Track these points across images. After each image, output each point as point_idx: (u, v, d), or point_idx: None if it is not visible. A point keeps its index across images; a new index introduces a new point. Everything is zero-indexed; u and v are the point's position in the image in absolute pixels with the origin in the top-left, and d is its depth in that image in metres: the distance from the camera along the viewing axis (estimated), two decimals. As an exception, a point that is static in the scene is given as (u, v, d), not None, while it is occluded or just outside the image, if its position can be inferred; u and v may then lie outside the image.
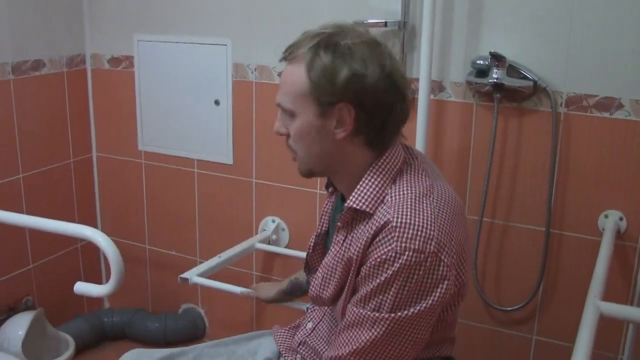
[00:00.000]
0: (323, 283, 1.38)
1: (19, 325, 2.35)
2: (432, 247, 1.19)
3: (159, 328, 2.74)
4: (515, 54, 1.97)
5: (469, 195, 2.14)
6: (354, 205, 1.29)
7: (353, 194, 1.30)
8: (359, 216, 1.31)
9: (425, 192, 1.27)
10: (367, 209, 1.28)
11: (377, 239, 1.22)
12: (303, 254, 2.37)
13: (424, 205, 1.24)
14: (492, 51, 1.95)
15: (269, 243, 2.49)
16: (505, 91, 1.99)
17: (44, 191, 2.61)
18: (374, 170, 1.30)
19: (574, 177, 2.02)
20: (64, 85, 2.64)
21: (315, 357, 1.52)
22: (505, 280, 2.18)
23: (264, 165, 2.47)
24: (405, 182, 1.29)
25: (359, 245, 1.26)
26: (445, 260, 1.20)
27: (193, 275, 2.16)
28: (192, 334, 2.78)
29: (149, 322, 2.76)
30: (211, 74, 2.45)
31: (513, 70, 1.98)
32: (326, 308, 1.55)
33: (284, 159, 2.36)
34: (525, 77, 1.98)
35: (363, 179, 1.30)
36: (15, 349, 2.29)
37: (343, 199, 1.42)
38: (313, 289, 1.41)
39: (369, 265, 1.23)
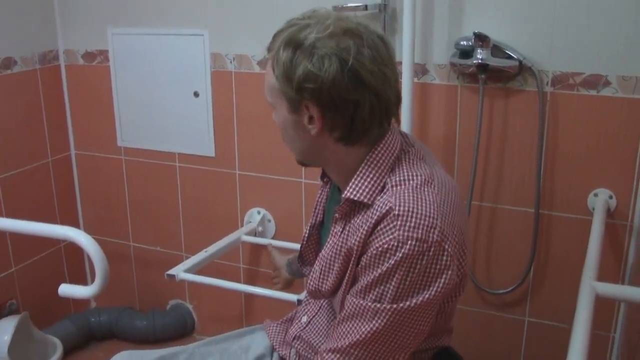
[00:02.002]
0: (321, 276, 1.34)
1: (4, 330, 2.29)
2: (435, 236, 1.16)
3: (148, 326, 2.69)
4: (499, 33, 1.94)
5: (457, 179, 2.11)
6: (351, 196, 1.25)
7: (350, 185, 1.26)
8: (357, 207, 1.27)
9: (426, 180, 1.24)
10: (365, 200, 1.24)
11: (379, 228, 1.18)
12: (290, 245, 2.39)
13: (426, 193, 1.21)
14: (476, 31, 1.91)
15: (255, 235, 2.45)
16: (490, 72, 1.96)
17: (23, 192, 2.56)
18: (370, 161, 1.26)
19: (562, 156, 1.99)
20: (38, 82, 2.57)
21: (310, 351, 1.49)
22: (496, 263, 2.16)
23: (247, 157, 2.43)
24: (404, 170, 1.26)
25: (359, 234, 1.22)
26: (449, 250, 1.17)
27: (180, 271, 2.12)
28: (181, 330, 2.75)
29: (137, 321, 2.72)
30: (189, 65, 2.40)
31: (497, 50, 1.95)
32: (322, 301, 1.51)
33: (267, 149, 2.36)
34: (510, 57, 1.94)
35: (359, 171, 1.26)
36: (1, 354, 2.24)
37: (339, 190, 1.39)
38: (311, 282, 1.37)
39: (370, 254, 1.19)
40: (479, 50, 1.94)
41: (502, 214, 2.10)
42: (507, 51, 1.94)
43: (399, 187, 1.22)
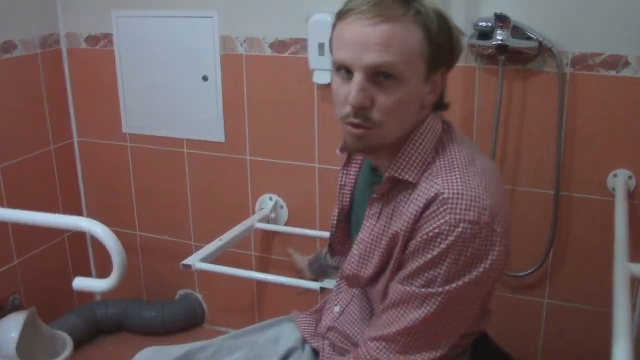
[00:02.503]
0: (361, 261, 1.31)
1: (12, 327, 2.22)
2: (486, 217, 1.14)
3: (157, 317, 2.64)
4: (519, 14, 1.92)
5: (475, 162, 2.09)
6: (396, 175, 1.22)
7: (394, 162, 1.23)
8: (399, 186, 1.25)
9: (469, 160, 1.22)
10: (411, 179, 1.22)
11: (428, 212, 1.16)
12: (305, 231, 2.37)
13: (472, 174, 1.19)
14: (497, 12, 1.89)
15: (267, 222, 2.41)
16: (509, 53, 1.94)
17: (25, 182, 2.49)
18: (416, 139, 1.23)
19: (581, 137, 1.98)
20: (39, 67, 2.49)
21: (345, 341, 1.46)
22: (515, 245, 2.10)
23: (257, 142, 2.39)
24: (448, 151, 1.24)
25: (405, 219, 1.19)
26: (498, 230, 1.16)
27: (195, 261, 2.07)
28: (191, 321, 2.71)
29: (146, 312, 2.66)
30: (197, 48, 2.35)
31: (517, 31, 1.92)
32: (354, 290, 1.47)
33: (279, 134, 2.32)
34: (529, 38, 1.92)
35: (405, 147, 1.23)
36: (10, 351, 2.17)
37: (373, 170, 1.36)
38: (349, 267, 1.34)
39: (419, 239, 1.17)
40: (498, 31, 1.92)
41: (521, 196, 2.09)
42: (526, 32, 1.92)
43: (444, 169, 1.20)
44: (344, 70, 1.18)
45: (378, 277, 1.30)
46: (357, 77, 1.15)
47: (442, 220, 1.14)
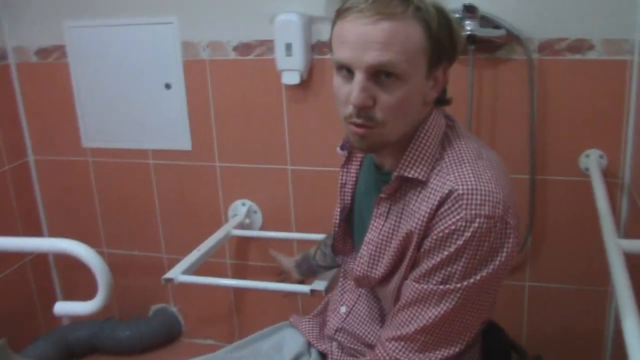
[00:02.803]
0: (371, 261, 1.31)
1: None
2: (500, 211, 1.15)
3: (133, 335, 2.55)
4: (486, 4, 1.95)
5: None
6: (405, 174, 1.22)
7: (403, 161, 1.23)
8: (407, 184, 1.24)
9: (477, 154, 1.23)
10: (420, 177, 1.21)
11: (442, 210, 1.16)
12: (281, 234, 2.34)
13: (482, 168, 1.19)
14: (466, 2, 1.92)
15: (242, 228, 2.37)
16: (478, 42, 1.96)
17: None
18: (422, 136, 1.23)
19: (552, 121, 2.03)
20: (-15, 84, 2.38)
21: (355, 341, 1.46)
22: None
23: (226, 147, 2.35)
24: (456, 146, 1.24)
25: (419, 217, 1.19)
26: (511, 222, 1.17)
27: (177, 274, 2.01)
28: (168, 336, 2.64)
29: (120, 331, 2.56)
30: (158, 56, 2.29)
31: (485, 21, 1.96)
32: (360, 290, 1.47)
33: (248, 138, 2.29)
34: (497, 27, 1.96)
35: (412, 145, 1.23)
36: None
37: (377, 167, 1.35)
38: (359, 269, 1.33)
39: (435, 237, 1.17)
40: (467, 22, 1.94)
41: (497, 182, 2.12)
42: (494, 21, 1.95)
43: (454, 164, 1.21)
44: (345, 69, 1.17)
45: (389, 277, 1.30)
46: (359, 76, 1.14)
47: (458, 217, 1.14)
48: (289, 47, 2.10)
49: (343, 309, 1.50)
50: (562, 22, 1.94)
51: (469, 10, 1.92)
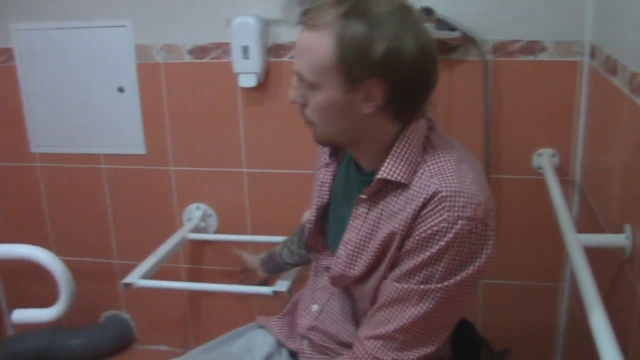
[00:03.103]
0: (349, 261, 1.31)
1: None
2: (481, 214, 1.17)
3: (85, 343, 2.50)
4: (443, 7, 1.98)
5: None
6: (387, 177, 1.23)
7: (385, 165, 1.23)
8: (388, 187, 1.25)
9: (460, 157, 1.25)
10: (403, 180, 1.22)
11: (425, 211, 1.18)
12: (237, 237, 2.33)
13: (465, 171, 1.21)
14: (423, 5, 1.94)
15: (198, 232, 2.34)
16: (434, 45, 2.00)
17: None
18: (405, 139, 1.24)
19: (506, 121, 2.08)
20: None
21: (327, 339, 1.46)
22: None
23: (181, 151, 2.32)
24: (437, 149, 1.26)
25: (401, 218, 1.21)
26: (491, 224, 1.20)
27: (136, 278, 1.98)
28: (121, 343, 2.60)
29: (71, 340, 2.50)
30: (111, 59, 2.25)
31: (441, 23, 1.99)
32: (333, 288, 1.46)
33: (203, 142, 2.28)
34: (453, 29, 2.00)
35: (394, 149, 1.24)
36: None
37: (357, 168, 1.36)
38: (336, 268, 1.34)
39: (417, 238, 1.18)
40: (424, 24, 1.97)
41: (453, 182, 2.15)
42: (450, 24, 1.99)
43: (437, 167, 1.22)
44: None
45: (367, 277, 1.31)
46: (294, 77, 1.24)
47: (441, 218, 1.16)
48: (245, 49, 2.09)
49: (315, 307, 1.50)
50: (516, 25, 1.99)
51: (426, 12, 1.95)
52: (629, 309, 1.43)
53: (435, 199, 1.17)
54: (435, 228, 1.16)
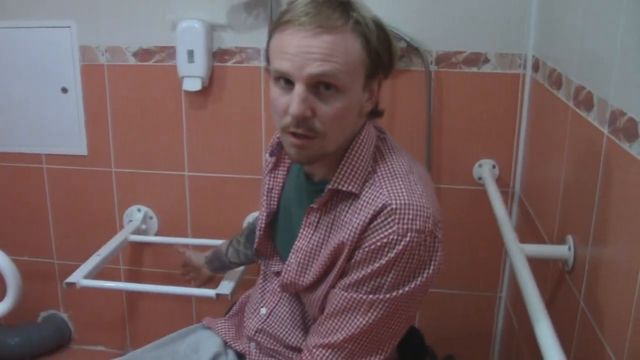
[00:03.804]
0: (299, 269, 1.32)
1: None
2: (430, 226, 1.18)
3: (22, 342, 2.47)
4: (387, 17, 1.96)
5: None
6: (340, 187, 1.23)
7: (337, 175, 1.24)
8: (338, 196, 1.26)
9: (408, 168, 1.26)
10: (354, 190, 1.23)
11: (375, 223, 1.18)
12: (177, 240, 2.32)
13: (413, 183, 1.22)
14: (368, 15, 1.95)
15: (138, 233, 2.33)
16: (378, 54, 2.01)
17: None
18: (356, 149, 1.25)
19: (448, 131, 2.10)
20: None
21: (275, 342, 1.47)
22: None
23: (123, 153, 2.30)
24: (388, 159, 1.27)
25: (351, 229, 1.21)
26: (439, 236, 1.20)
27: (79, 278, 1.96)
28: (58, 342, 2.57)
29: (9, 338, 2.47)
30: (54, 60, 2.22)
31: (385, 32, 2.00)
32: (282, 293, 1.47)
33: (145, 144, 2.27)
34: (397, 39, 2.01)
35: (345, 159, 1.25)
36: None
37: (306, 176, 1.36)
38: (287, 276, 1.34)
39: (366, 249, 1.19)
40: (368, 34, 1.98)
41: (395, 190, 2.16)
42: (395, 33, 2.00)
43: (386, 179, 1.23)
44: (282, 80, 1.17)
45: (316, 285, 1.31)
46: (299, 88, 1.15)
47: (390, 230, 1.17)
48: (190, 53, 2.08)
49: (263, 310, 1.50)
50: (459, 36, 2.01)
51: (370, 22, 1.96)
52: (571, 319, 1.46)
53: (385, 211, 1.17)
54: (385, 240, 1.17)
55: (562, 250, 1.52)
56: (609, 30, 1.28)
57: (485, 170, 2.09)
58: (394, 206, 1.17)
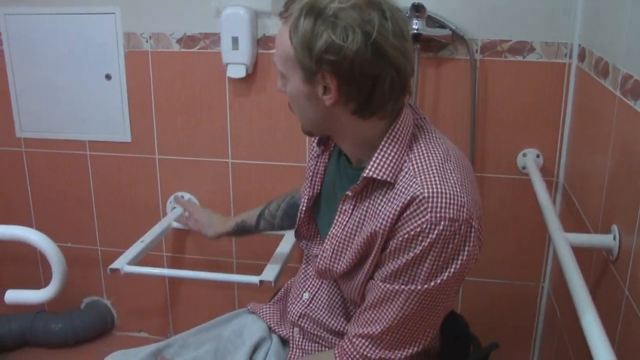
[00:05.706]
0: (334, 256, 1.32)
1: None
2: (464, 214, 1.17)
3: (65, 328, 2.50)
4: (433, 4, 1.98)
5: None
6: (374, 175, 1.23)
7: (372, 163, 1.23)
8: (374, 184, 1.26)
9: (445, 157, 1.24)
10: (388, 179, 1.22)
11: (407, 212, 1.17)
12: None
13: (449, 171, 1.21)
14: (415, 2, 1.94)
15: (181, 221, 2.32)
16: (423, 41, 2.00)
17: None
18: (391, 138, 1.24)
19: (493, 120, 2.09)
20: None
21: (317, 327, 1.48)
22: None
23: (166, 140, 2.31)
24: (423, 147, 1.25)
25: (384, 219, 1.20)
26: (475, 226, 1.19)
27: (123, 264, 1.97)
28: (101, 329, 2.60)
29: (53, 324, 2.50)
30: (99, 46, 2.23)
31: (431, 20, 1.99)
32: None
33: (189, 131, 2.27)
34: (442, 27, 2.00)
35: (381, 147, 1.24)
36: None
37: (348, 161, 1.37)
38: (322, 262, 1.35)
39: (400, 239, 1.18)
40: (414, 21, 1.97)
41: (438, 179, 2.16)
42: (440, 21, 2.00)
43: (421, 167, 1.22)
44: None
45: (353, 273, 1.31)
46: None
47: (422, 220, 1.16)
48: (235, 40, 2.08)
49: (306, 295, 1.51)
50: (505, 25, 1.99)
51: (417, 9, 1.96)
52: (615, 309, 1.44)
53: (417, 200, 1.17)
54: (418, 229, 1.16)
55: (607, 240, 1.51)
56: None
57: (530, 159, 2.08)
58: (425, 195, 1.16)
